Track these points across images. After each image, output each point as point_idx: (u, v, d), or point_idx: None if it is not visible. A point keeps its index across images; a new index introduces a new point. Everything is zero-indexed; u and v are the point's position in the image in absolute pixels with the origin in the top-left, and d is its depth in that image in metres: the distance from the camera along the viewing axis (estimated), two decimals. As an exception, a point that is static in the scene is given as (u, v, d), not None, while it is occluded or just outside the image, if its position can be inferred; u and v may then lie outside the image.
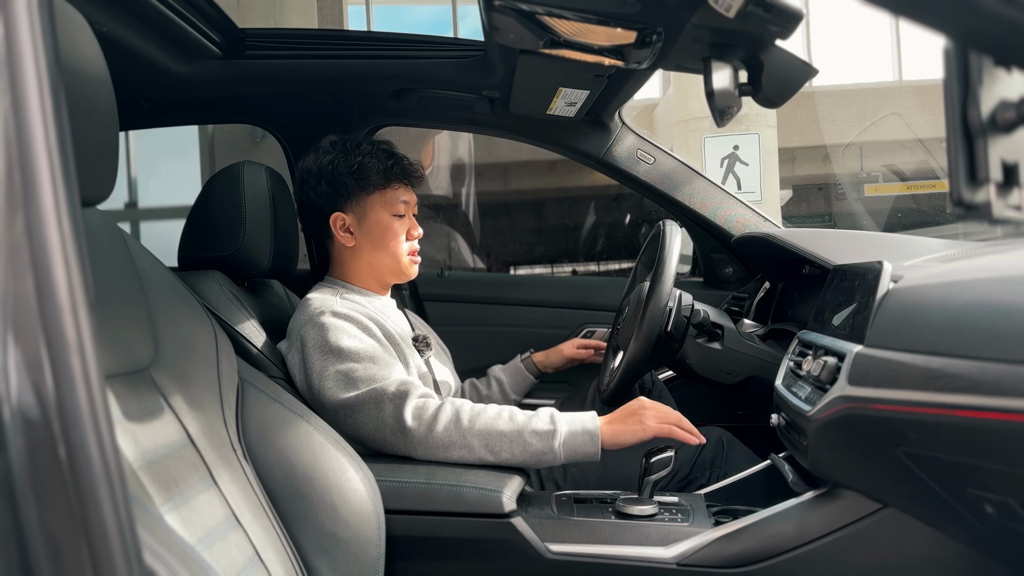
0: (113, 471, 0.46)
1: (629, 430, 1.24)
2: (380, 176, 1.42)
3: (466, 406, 1.25)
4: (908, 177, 8.33)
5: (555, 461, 1.23)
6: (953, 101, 0.47)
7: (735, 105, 1.02)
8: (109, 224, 0.97)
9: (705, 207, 1.87)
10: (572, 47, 1.22)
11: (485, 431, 1.22)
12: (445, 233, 7.82)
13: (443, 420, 1.22)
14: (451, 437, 1.22)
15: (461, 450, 1.22)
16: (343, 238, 1.45)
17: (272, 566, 0.93)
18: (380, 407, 1.23)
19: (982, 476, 0.80)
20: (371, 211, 1.44)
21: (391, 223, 1.44)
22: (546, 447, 1.22)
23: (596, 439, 1.22)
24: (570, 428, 1.23)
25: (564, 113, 1.70)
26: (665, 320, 1.44)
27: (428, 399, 1.26)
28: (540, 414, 1.26)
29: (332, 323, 1.29)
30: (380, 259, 1.46)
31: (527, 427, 1.23)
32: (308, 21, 8.05)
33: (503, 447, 1.22)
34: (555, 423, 1.24)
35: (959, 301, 0.85)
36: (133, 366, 0.88)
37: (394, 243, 1.45)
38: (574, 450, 1.22)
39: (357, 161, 1.41)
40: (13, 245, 0.45)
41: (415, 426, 1.22)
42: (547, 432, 1.22)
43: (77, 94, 0.66)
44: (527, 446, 1.22)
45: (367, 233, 1.44)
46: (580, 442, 1.22)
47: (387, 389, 1.24)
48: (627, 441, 1.24)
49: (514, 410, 1.26)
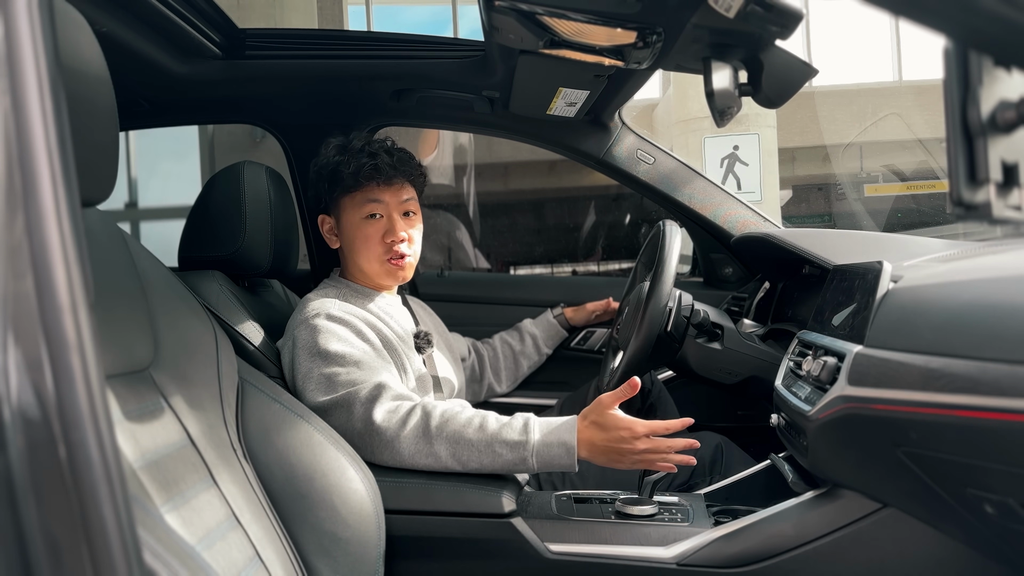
0: (113, 471, 0.46)
1: (607, 460, 1.17)
2: (350, 177, 1.37)
3: (437, 410, 1.19)
4: (908, 177, 8.33)
5: (529, 471, 1.18)
6: (953, 101, 0.47)
7: (735, 105, 1.03)
8: (109, 224, 0.97)
9: (705, 207, 1.87)
10: (572, 47, 1.22)
11: (453, 439, 1.17)
12: (445, 233, 7.81)
13: (411, 424, 1.18)
14: (417, 444, 1.17)
15: (427, 458, 1.17)
16: (329, 240, 1.46)
17: (272, 566, 0.93)
18: (351, 410, 1.21)
19: (982, 476, 0.80)
20: (344, 213, 1.42)
21: (361, 226, 1.39)
22: (517, 458, 1.16)
23: (572, 452, 1.16)
24: (543, 439, 1.16)
25: (564, 113, 1.70)
26: (665, 320, 1.44)
27: (401, 402, 1.21)
28: (513, 422, 1.19)
29: (324, 326, 1.29)
30: (359, 262, 1.42)
31: (497, 437, 1.17)
32: (308, 21, 8.05)
33: (471, 457, 1.16)
34: (527, 432, 1.17)
35: (959, 301, 0.85)
36: (133, 366, 0.88)
37: (364, 248, 1.39)
38: (547, 461, 1.16)
39: (333, 161, 1.39)
40: (13, 245, 0.45)
41: (383, 428, 1.18)
42: (518, 443, 1.16)
43: (77, 94, 0.66)
44: (496, 457, 1.16)
45: (344, 236, 1.43)
46: (554, 453, 1.16)
47: (360, 393, 1.21)
48: (604, 465, 1.19)
49: (487, 417, 1.20)
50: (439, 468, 1.18)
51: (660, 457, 1.16)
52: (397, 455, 1.18)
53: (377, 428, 1.18)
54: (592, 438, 1.17)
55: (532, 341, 1.79)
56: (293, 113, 1.84)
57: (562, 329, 1.82)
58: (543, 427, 1.18)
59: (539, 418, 1.20)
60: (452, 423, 1.18)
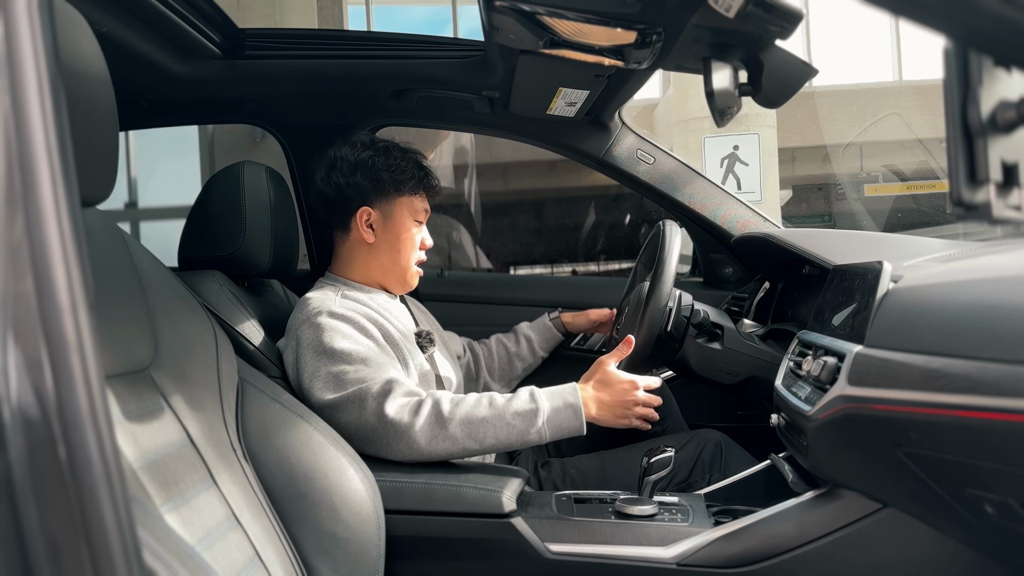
0: (113, 471, 0.46)
1: (613, 416, 1.27)
2: (415, 181, 1.45)
3: (445, 397, 1.24)
4: (908, 177, 8.33)
5: (541, 440, 1.23)
6: (953, 101, 0.47)
7: (735, 105, 1.02)
8: (109, 224, 0.97)
9: (705, 207, 1.87)
10: (572, 47, 1.22)
11: (466, 419, 1.21)
12: (445, 233, 7.81)
13: (424, 414, 1.21)
14: (433, 431, 1.20)
15: (445, 443, 1.21)
16: (365, 233, 1.44)
17: (272, 566, 0.93)
18: (363, 406, 1.22)
19: (982, 476, 0.80)
20: (398, 212, 1.46)
21: (411, 228, 1.47)
22: (529, 426, 1.22)
23: (579, 412, 1.23)
24: (551, 404, 1.23)
25: (564, 113, 1.70)
26: (665, 320, 1.44)
27: (411, 397, 1.24)
28: (520, 394, 1.26)
29: (328, 324, 1.29)
30: (393, 261, 1.47)
31: (508, 409, 1.22)
32: (308, 21, 8.04)
33: (486, 433, 1.21)
34: (536, 401, 1.24)
35: (959, 301, 0.85)
36: (133, 366, 0.88)
37: (409, 249, 1.47)
38: (558, 426, 1.23)
39: (397, 162, 1.44)
40: (13, 245, 0.45)
41: (397, 421, 1.20)
42: (529, 411, 1.22)
43: (77, 94, 0.66)
44: (510, 428, 1.21)
45: (388, 232, 1.46)
46: (563, 416, 1.23)
47: (371, 388, 1.23)
48: (609, 423, 1.27)
49: (493, 395, 1.26)
50: (457, 451, 1.21)
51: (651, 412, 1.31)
52: (414, 445, 1.20)
53: (391, 421, 1.20)
54: (599, 396, 1.28)
55: (527, 343, 1.80)
56: (293, 113, 1.84)
57: (557, 332, 1.82)
58: (548, 394, 1.26)
59: (542, 389, 1.28)
60: (462, 406, 1.23)
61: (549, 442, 1.25)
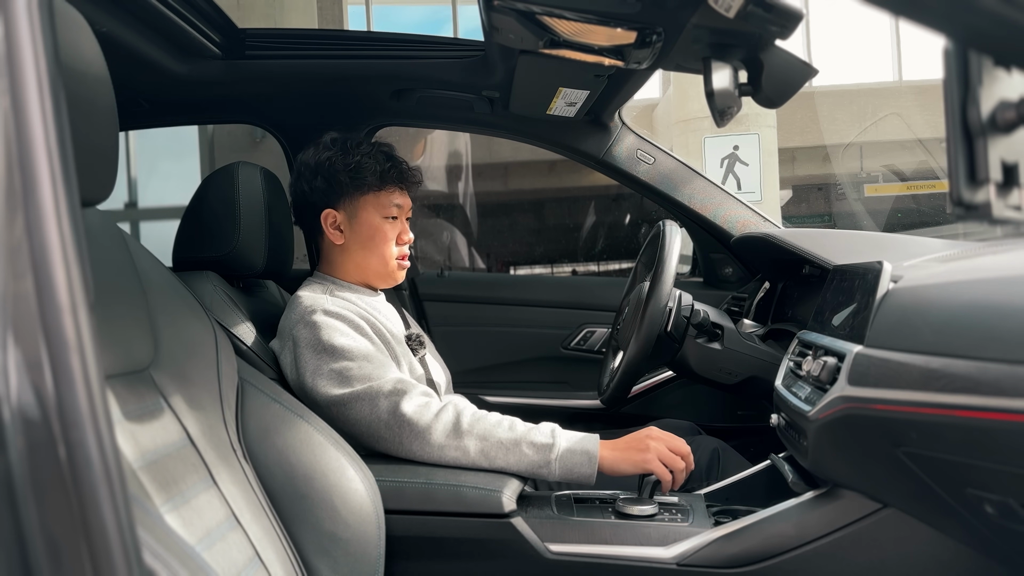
0: (113, 471, 0.46)
1: (630, 460, 1.22)
2: (375, 177, 1.41)
3: (468, 410, 1.25)
4: (908, 177, 8.33)
5: (550, 476, 1.22)
6: (953, 101, 0.47)
7: (735, 105, 1.02)
8: (109, 224, 0.97)
9: (705, 207, 1.87)
10: (572, 47, 1.22)
11: (483, 435, 1.21)
12: (445, 233, 7.81)
13: (444, 420, 1.22)
14: (448, 438, 1.21)
15: (456, 452, 1.21)
16: (332, 235, 1.44)
17: (272, 566, 0.93)
18: (375, 403, 1.23)
19: (982, 476, 0.80)
20: (363, 211, 1.43)
21: (381, 225, 1.44)
22: (542, 460, 1.21)
23: (594, 461, 1.21)
24: (568, 445, 1.22)
25: (564, 113, 1.70)
26: (665, 320, 1.44)
27: (430, 398, 1.26)
28: (542, 427, 1.25)
29: (324, 321, 1.29)
30: (368, 260, 1.45)
31: (526, 437, 1.22)
32: (308, 21, 8.04)
33: (498, 455, 1.21)
34: (554, 437, 1.23)
35: (959, 301, 0.85)
36: (133, 366, 0.88)
37: (383, 246, 1.44)
38: (569, 468, 1.21)
39: (355, 160, 1.41)
40: (13, 245, 0.45)
41: (414, 420, 1.21)
42: (545, 445, 1.21)
43: (77, 94, 0.66)
44: (523, 456, 1.21)
45: (357, 233, 1.44)
46: (577, 461, 1.21)
47: (383, 387, 1.23)
48: (625, 471, 1.22)
49: (515, 420, 1.26)
50: (464, 462, 1.21)
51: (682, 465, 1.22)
52: (427, 446, 1.21)
53: (408, 420, 1.21)
54: (615, 443, 1.24)
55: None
56: (293, 113, 1.84)
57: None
58: (568, 436, 1.24)
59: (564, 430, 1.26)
60: (483, 422, 1.23)
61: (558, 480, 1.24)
